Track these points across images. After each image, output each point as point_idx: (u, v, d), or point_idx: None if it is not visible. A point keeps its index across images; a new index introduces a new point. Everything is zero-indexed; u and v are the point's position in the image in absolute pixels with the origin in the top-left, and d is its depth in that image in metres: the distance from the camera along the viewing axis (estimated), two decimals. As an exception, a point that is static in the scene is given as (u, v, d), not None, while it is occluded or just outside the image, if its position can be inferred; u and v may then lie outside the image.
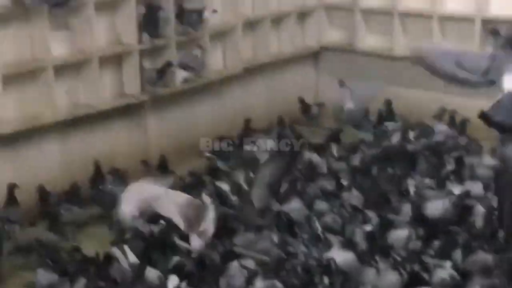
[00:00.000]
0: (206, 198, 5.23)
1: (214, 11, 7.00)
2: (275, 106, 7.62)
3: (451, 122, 7.07)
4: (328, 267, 4.74)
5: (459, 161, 6.21)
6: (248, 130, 7.15)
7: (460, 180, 5.97)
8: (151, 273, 4.80)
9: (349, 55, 8.03)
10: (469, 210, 5.40)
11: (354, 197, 5.68)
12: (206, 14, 6.89)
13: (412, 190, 5.81)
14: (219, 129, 7.03)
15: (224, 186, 5.87)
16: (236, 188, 5.88)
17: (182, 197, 5.13)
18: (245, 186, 5.89)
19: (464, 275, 4.69)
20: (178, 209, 5.00)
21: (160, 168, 6.37)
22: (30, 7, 5.73)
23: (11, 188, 5.63)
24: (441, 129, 6.96)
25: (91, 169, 6.15)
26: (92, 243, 5.39)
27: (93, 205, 5.93)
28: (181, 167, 6.45)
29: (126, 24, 6.45)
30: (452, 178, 5.99)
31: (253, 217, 5.45)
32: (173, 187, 5.76)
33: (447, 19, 7.44)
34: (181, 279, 4.73)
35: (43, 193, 5.85)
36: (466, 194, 5.55)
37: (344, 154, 6.68)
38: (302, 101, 7.68)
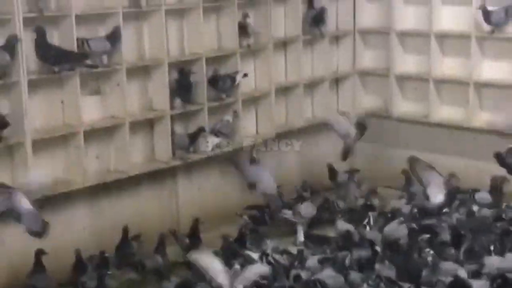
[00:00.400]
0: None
1: (245, 75, 6.96)
2: (308, 172, 7.48)
3: (494, 191, 6.77)
4: None
5: (501, 232, 5.96)
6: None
7: (501, 252, 5.71)
8: None
9: (384, 121, 7.94)
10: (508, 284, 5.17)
11: (386, 268, 5.48)
12: (238, 78, 6.86)
13: (446, 263, 5.55)
14: (250, 195, 6.88)
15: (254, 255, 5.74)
16: (265, 257, 5.72)
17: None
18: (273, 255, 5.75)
19: None
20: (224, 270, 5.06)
21: (191, 233, 6.23)
22: (60, 73, 5.75)
23: (39, 254, 5.54)
24: (483, 197, 6.73)
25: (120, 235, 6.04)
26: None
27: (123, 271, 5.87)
28: (212, 234, 6.32)
29: (158, 89, 6.44)
30: (492, 250, 5.74)
31: None
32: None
33: (483, 86, 7.32)
34: None
35: (79, 261, 5.73)
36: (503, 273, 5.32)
37: (379, 223, 6.46)
38: (330, 167, 7.47)
